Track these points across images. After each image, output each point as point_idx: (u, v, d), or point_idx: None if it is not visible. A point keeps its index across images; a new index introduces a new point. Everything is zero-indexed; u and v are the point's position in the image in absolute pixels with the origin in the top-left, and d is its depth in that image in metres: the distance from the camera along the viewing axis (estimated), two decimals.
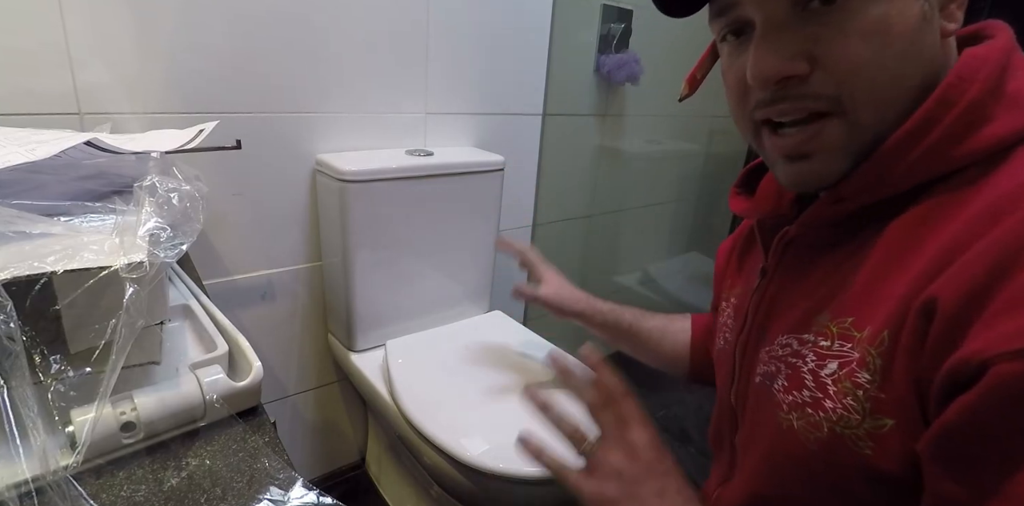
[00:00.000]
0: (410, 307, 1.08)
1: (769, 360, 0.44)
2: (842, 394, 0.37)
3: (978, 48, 0.37)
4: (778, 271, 0.47)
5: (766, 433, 0.43)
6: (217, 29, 0.83)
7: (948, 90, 0.35)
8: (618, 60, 1.30)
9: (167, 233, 0.44)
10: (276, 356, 1.09)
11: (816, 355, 0.39)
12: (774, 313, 0.46)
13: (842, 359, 0.37)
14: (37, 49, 0.71)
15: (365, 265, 0.98)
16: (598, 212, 1.56)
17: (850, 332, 0.37)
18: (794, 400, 0.40)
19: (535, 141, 1.33)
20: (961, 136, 0.35)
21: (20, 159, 0.45)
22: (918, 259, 0.34)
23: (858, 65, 0.35)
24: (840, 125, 0.37)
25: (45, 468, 0.35)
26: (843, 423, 0.36)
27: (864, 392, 0.35)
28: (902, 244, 0.36)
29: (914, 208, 0.37)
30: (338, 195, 0.92)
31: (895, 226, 0.37)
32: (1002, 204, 0.32)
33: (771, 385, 0.43)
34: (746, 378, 0.48)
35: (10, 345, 0.35)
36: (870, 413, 0.35)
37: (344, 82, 0.97)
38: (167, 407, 0.43)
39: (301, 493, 0.39)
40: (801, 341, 0.41)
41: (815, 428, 0.38)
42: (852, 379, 0.36)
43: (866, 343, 0.36)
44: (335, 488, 1.26)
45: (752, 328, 0.49)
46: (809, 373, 0.39)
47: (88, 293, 0.38)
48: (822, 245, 0.43)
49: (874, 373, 0.35)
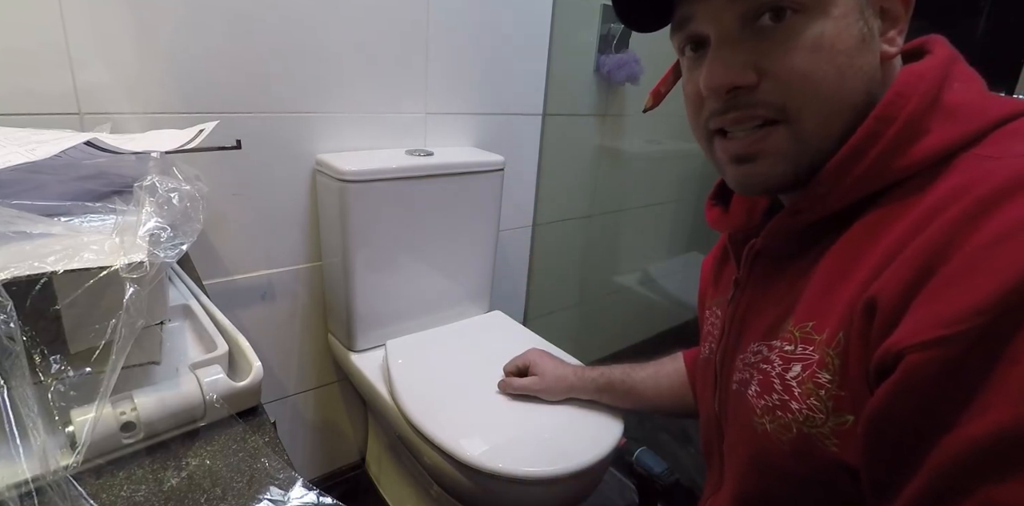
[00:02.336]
0: (410, 307, 1.08)
1: (743, 367, 0.46)
2: (806, 395, 0.39)
3: (916, 65, 0.39)
4: (749, 282, 0.49)
5: (745, 438, 0.45)
6: (217, 29, 0.83)
7: (887, 107, 0.37)
8: (618, 60, 1.30)
9: (167, 233, 0.44)
10: (276, 356, 1.09)
11: (782, 359, 0.41)
12: (747, 322, 0.48)
13: (804, 362, 0.39)
14: (37, 49, 0.71)
15: (365, 265, 0.98)
16: (598, 212, 1.56)
17: (811, 335, 0.39)
18: (765, 404, 0.42)
19: (535, 141, 1.33)
20: (901, 149, 0.37)
21: (20, 159, 0.45)
22: (865, 263, 0.36)
23: (801, 76, 0.38)
24: (785, 132, 0.40)
25: (45, 468, 0.35)
26: (809, 423, 0.38)
27: (826, 391, 0.37)
28: (852, 251, 0.38)
29: (863, 218, 0.39)
30: (338, 195, 0.92)
31: (847, 236, 0.40)
32: (937, 205, 0.34)
33: (745, 391, 0.45)
34: (725, 386, 0.50)
35: (10, 345, 0.35)
36: (833, 411, 0.37)
37: (344, 82, 0.97)
38: (167, 407, 0.43)
39: (301, 493, 0.39)
40: (770, 347, 0.43)
41: (785, 429, 0.40)
42: (814, 380, 0.38)
43: (824, 345, 0.38)
44: (335, 488, 1.26)
45: (729, 338, 0.50)
46: (777, 377, 0.41)
47: (88, 293, 0.38)
48: (786, 256, 0.45)
49: (834, 373, 0.37)
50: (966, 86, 0.39)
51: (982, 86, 0.40)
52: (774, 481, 0.44)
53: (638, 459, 0.89)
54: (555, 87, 1.29)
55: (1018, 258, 0.28)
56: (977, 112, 0.37)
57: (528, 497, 0.77)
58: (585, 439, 0.80)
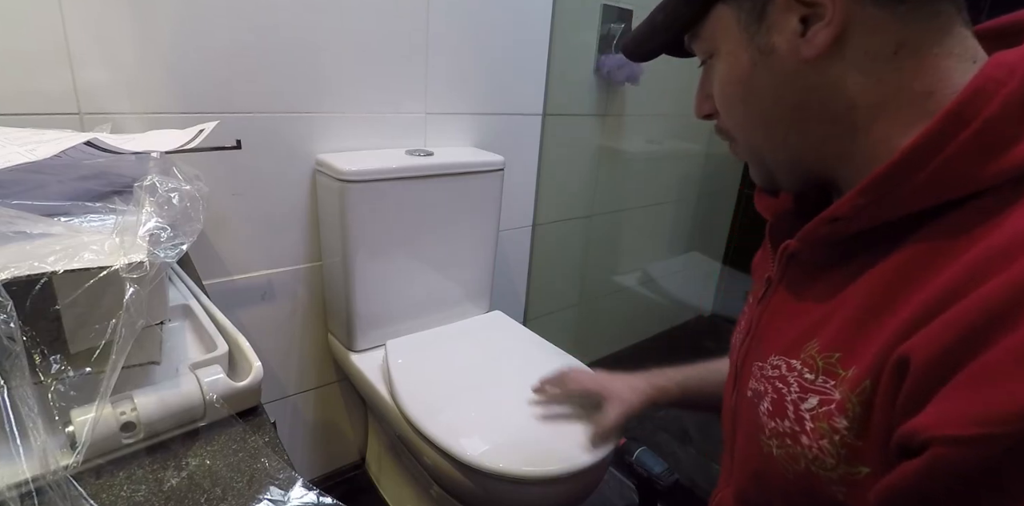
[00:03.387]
0: (410, 307, 1.08)
1: (760, 378, 0.44)
2: (818, 435, 0.36)
3: (1008, 53, 0.32)
4: (781, 284, 0.46)
5: (752, 452, 0.44)
6: (217, 29, 0.83)
7: (962, 106, 0.31)
8: (618, 60, 1.30)
9: (167, 233, 0.44)
10: (276, 356, 1.09)
11: (800, 386, 0.39)
12: (771, 328, 0.46)
13: (823, 396, 0.36)
14: (37, 49, 0.71)
15: (365, 265, 0.98)
16: (598, 212, 1.56)
17: (835, 369, 0.36)
18: (775, 427, 0.40)
19: (535, 141, 1.33)
20: (974, 159, 0.31)
21: (20, 159, 0.45)
22: (908, 303, 0.32)
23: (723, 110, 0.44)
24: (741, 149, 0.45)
25: (45, 468, 0.35)
26: (818, 464, 0.36)
27: (840, 438, 0.35)
28: (896, 281, 0.34)
29: (915, 242, 0.34)
30: (338, 195, 0.92)
31: (895, 258, 0.35)
32: (1006, 248, 0.28)
33: (758, 404, 0.43)
34: (743, 388, 0.48)
35: (10, 345, 0.35)
36: (845, 459, 0.35)
37: (344, 82, 0.97)
38: (167, 407, 0.43)
39: (301, 493, 0.39)
40: (789, 366, 0.40)
41: (793, 460, 0.38)
42: (830, 422, 0.35)
43: (848, 386, 0.34)
44: (335, 488, 1.26)
45: (752, 339, 0.49)
46: (791, 404, 0.39)
47: (88, 293, 0.38)
48: (823, 263, 0.42)
49: (852, 420, 0.34)
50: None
51: None
52: (776, 498, 0.43)
53: (638, 459, 0.89)
54: (555, 87, 1.29)
55: None
56: None
57: (528, 497, 0.77)
58: (585, 439, 0.80)
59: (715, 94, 0.44)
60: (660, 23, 0.44)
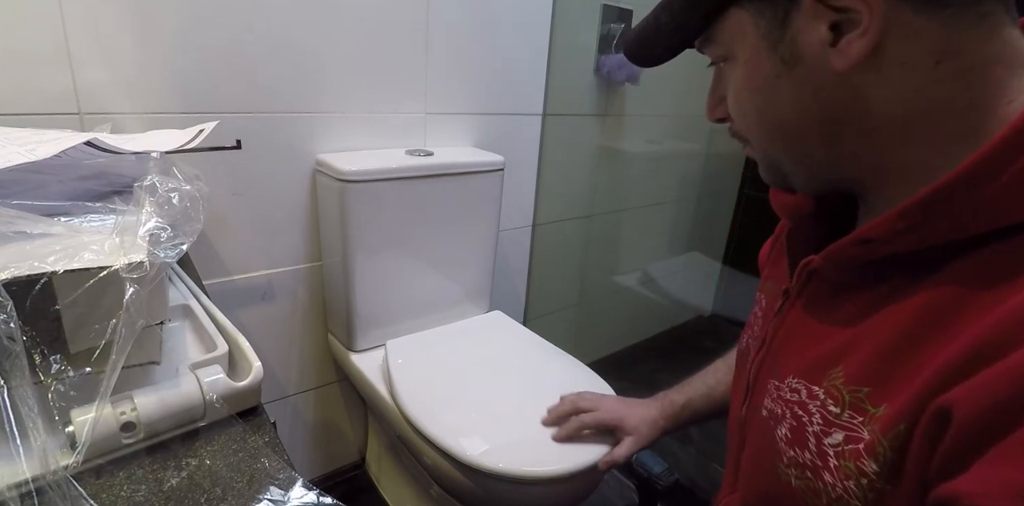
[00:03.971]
0: (410, 307, 1.08)
1: (777, 399, 0.42)
2: (843, 475, 0.34)
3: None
4: (799, 300, 0.43)
5: (766, 477, 0.42)
6: (217, 29, 0.83)
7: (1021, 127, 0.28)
8: (618, 60, 1.30)
9: (167, 233, 0.44)
10: (276, 356, 1.09)
11: (823, 419, 0.36)
12: (789, 347, 0.43)
13: (849, 433, 0.34)
14: (37, 49, 0.71)
15: (365, 265, 0.98)
16: (598, 212, 1.56)
17: (863, 405, 0.34)
18: (795, 457, 0.38)
19: (535, 141, 1.33)
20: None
21: (20, 159, 0.45)
22: (949, 344, 0.29)
23: (737, 116, 0.40)
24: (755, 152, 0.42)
25: (45, 468, 0.35)
26: (841, 503, 0.34)
27: (868, 481, 0.32)
28: (935, 317, 0.31)
29: (959, 270, 0.31)
30: (338, 195, 0.92)
31: (933, 290, 0.32)
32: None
33: (775, 428, 0.41)
34: (756, 403, 0.46)
35: (10, 345, 0.35)
36: (872, 503, 0.33)
37: (344, 82, 0.97)
38: (167, 407, 0.43)
39: (301, 493, 0.39)
40: (811, 393, 0.38)
41: (814, 494, 0.36)
42: (857, 464, 0.33)
43: (879, 427, 0.32)
44: (335, 488, 1.26)
45: (767, 354, 0.46)
46: (813, 436, 0.37)
47: (88, 293, 0.38)
48: (847, 284, 0.39)
49: (883, 465, 0.32)
50: None
51: None
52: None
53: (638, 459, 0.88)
54: (555, 87, 1.29)
55: None
56: None
57: (528, 497, 0.77)
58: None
59: (729, 100, 0.40)
60: (665, 25, 0.40)
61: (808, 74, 0.34)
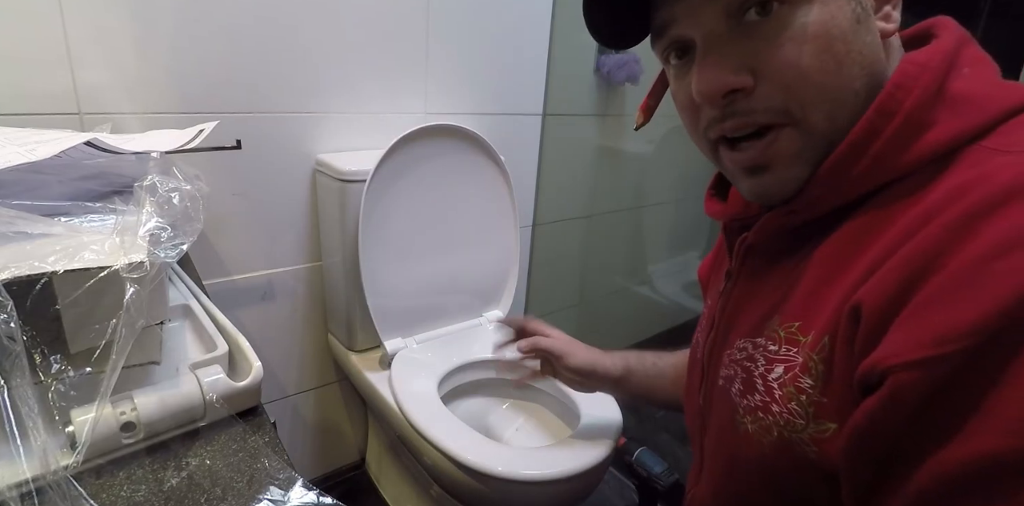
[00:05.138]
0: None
1: (729, 363, 0.45)
2: (787, 399, 0.37)
3: (918, 53, 0.37)
4: (740, 276, 0.47)
5: (727, 437, 0.44)
6: (217, 29, 0.83)
7: (886, 100, 0.35)
8: (618, 60, 1.30)
9: (167, 233, 0.44)
10: (276, 356, 1.09)
11: (765, 359, 0.40)
12: (735, 317, 0.47)
13: (787, 364, 0.38)
14: (37, 49, 0.71)
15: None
16: (598, 212, 1.56)
17: (796, 337, 0.38)
18: (748, 404, 0.41)
19: (535, 141, 1.33)
20: (902, 145, 0.35)
21: (20, 159, 0.45)
22: (855, 266, 0.35)
23: (801, 73, 0.35)
24: (793, 134, 0.37)
25: (45, 468, 0.35)
26: (790, 427, 0.37)
27: (807, 397, 0.36)
28: (844, 252, 0.37)
29: (859, 216, 0.37)
30: (338, 195, 0.92)
31: (839, 235, 0.38)
32: (934, 207, 0.32)
33: (730, 388, 0.44)
34: (712, 381, 0.49)
35: (10, 345, 0.35)
36: (813, 418, 0.36)
37: (344, 82, 0.97)
38: (167, 407, 0.43)
39: (301, 493, 0.39)
40: (755, 345, 0.42)
41: (766, 431, 0.39)
42: (795, 384, 0.37)
43: (808, 348, 0.36)
44: (335, 488, 1.26)
45: (717, 331, 0.49)
46: (759, 377, 0.40)
47: (88, 293, 0.38)
48: (777, 251, 0.43)
49: (816, 379, 0.36)
50: (976, 72, 0.36)
51: (995, 72, 0.37)
52: (753, 481, 0.43)
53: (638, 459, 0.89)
54: (555, 87, 1.29)
55: (1018, 276, 0.26)
56: (987, 100, 0.34)
57: (528, 497, 0.77)
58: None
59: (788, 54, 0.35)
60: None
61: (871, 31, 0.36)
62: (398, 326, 1.06)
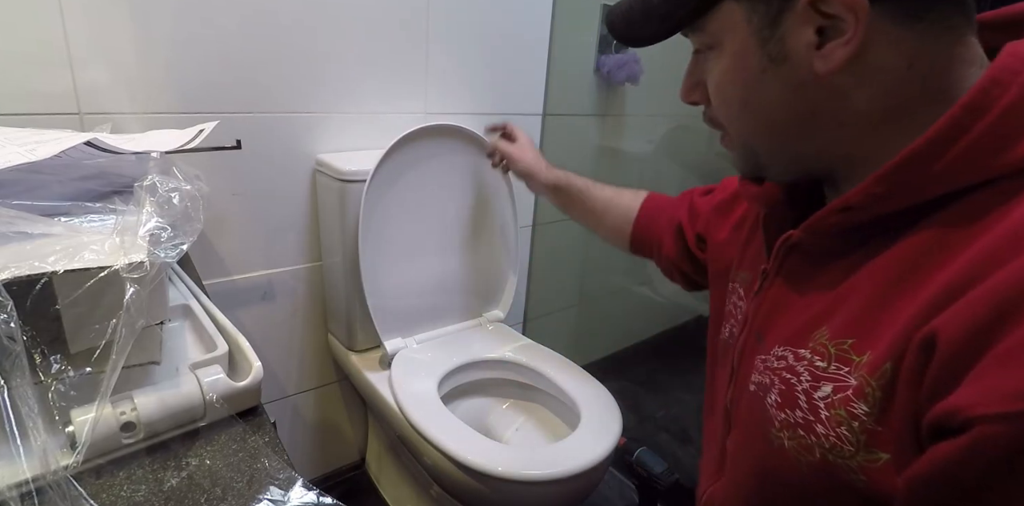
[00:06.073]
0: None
1: (764, 370, 0.43)
2: (835, 422, 0.35)
3: (1020, 43, 0.33)
4: (779, 276, 0.45)
5: (757, 447, 0.43)
6: (217, 29, 0.83)
7: (978, 96, 0.32)
8: (618, 60, 1.30)
9: (167, 233, 0.44)
10: (276, 356, 1.09)
11: (811, 375, 0.38)
12: (772, 321, 0.45)
13: (837, 383, 0.36)
14: (37, 49, 0.71)
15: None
16: None
17: (848, 355, 0.36)
18: (786, 418, 0.39)
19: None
20: (993, 147, 0.32)
21: (20, 159, 0.45)
22: (926, 286, 0.32)
23: (717, 104, 0.42)
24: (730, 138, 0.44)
25: (45, 468, 0.35)
26: (836, 452, 0.36)
27: (860, 424, 0.34)
28: (912, 266, 0.34)
29: (931, 225, 0.34)
30: (338, 195, 0.92)
31: (907, 244, 0.35)
32: (1020, 229, 0.29)
33: (764, 397, 0.42)
34: (742, 382, 0.47)
35: (10, 345, 0.35)
36: (865, 446, 0.34)
37: (344, 82, 0.97)
38: (167, 407, 0.43)
39: (301, 493, 0.39)
40: (797, 356, 0.40)
41: (807, 451, 0.38)
42: (847, 408, 0.35)
43: (865, 371, 0.34)
44: (335, 488, 1.26)
45: (750, 332, 0.47)
46: (803, 393, 0.38)
47: (88, 293, 0.38)
48: (823, 252, 0.41)
49: (872, 406, 0.33)
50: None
51: None
52: (783, 496, 0.42)
53: (638, 459, 0.89)
54: (555, 87, 1.29)
55: None
56: None
57: (528, 497, 0.77)
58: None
59: (712, 89, 0.42)
60: (655, 9, 0.41)
61: (792, 72, 0.37)
62: (398, 326, 1.06)
